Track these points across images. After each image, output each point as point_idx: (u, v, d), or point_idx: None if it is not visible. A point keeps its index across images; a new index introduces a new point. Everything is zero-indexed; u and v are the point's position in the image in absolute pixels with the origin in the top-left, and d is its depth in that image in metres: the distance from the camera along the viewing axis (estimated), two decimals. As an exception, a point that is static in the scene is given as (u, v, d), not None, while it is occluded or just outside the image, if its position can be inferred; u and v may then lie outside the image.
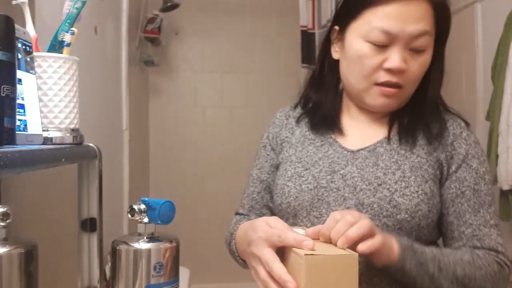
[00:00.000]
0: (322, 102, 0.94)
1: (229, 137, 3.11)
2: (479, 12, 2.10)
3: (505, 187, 1.68)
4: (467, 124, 0.90)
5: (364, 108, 0.91)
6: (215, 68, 3.13)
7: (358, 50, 0.84)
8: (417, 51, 0.83)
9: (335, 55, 0.92)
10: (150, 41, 2.80)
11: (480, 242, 0.81)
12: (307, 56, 2.27)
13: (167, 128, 3.09)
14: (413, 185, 0.81)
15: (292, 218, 0.88)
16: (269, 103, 3.06)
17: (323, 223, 0.74)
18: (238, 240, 0.87)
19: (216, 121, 3.13)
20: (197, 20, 3.09)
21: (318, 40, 2.28)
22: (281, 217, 0.83)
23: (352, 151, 0.89)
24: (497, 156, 1.72)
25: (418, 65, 0.83)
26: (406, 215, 0.80)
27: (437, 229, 0.87)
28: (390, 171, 0.83)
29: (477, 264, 0.78)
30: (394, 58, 0.81)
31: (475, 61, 2.12)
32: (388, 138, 0.88)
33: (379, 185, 0.82)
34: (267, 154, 0.99)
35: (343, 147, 0.90)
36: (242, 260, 0.86)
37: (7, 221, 0.71)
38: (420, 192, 0.81)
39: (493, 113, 1.79)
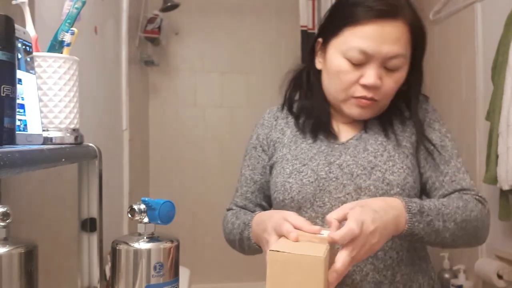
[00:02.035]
0: (314, 109, 0.99)
1: (229, 137, 3.11)
2: (479, 12, 2.10)
3: (505, 187, 1.68)
4: (425, 97, 1.00)
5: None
6: (215, 68, 3.13)
7: (337, 65, 0.90)
8: (391, 69, 0.89)
9: (318, 65, 0.98)
10: (150, 41, 2.80)
11: (459, 185, 0.92)
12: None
13: (167, 128, 3.09)
14: (398, 162, 0.91)
15: (296, 211, 0.91)
16: (269, 103, 3.06)
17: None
18: (254, 227, 0.90)
19: (216, 121, 3.13)
20: (197, 20, 3.09)
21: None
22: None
23: (343, 143, 0.96)
24: (497, 156, 1.72)
25: (392, 81, 0.90)
26: (398, 189, 0.89)
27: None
28: (378, 153, 0.92)
29: (468, 207, 0.86)
30: (370, 75, 0.87)
31: (475, 61, 2.12)
32: (369, 127, 0.97)
33: (372, 168, 0.90)
34: (259, 156, 1.04)
35: (333, 142, 0.97)
36: (257, 245, 0.91)
37: (7, 221, 0.71)
38: (404, 167, 0.91)
39: (493, 113, 1.79)
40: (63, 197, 1.13)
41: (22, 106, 0.65)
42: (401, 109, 0.98)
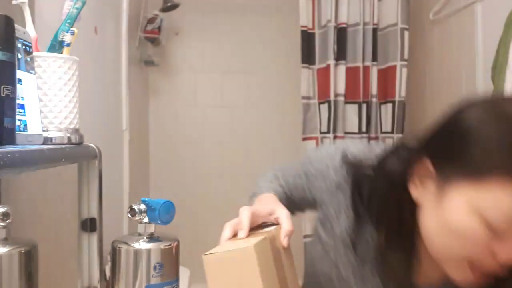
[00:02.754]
0: (389, 259, 0.73)
1: (229, 137, 3.11)
2: (479, 12, 2.10)
3: (505, 187, 1.67)
4: None
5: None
6: (215, 68, 3.13)
7: (464, 226, 0.61)
8: None
9: (415, 193, 0.69)
10: (150, 41, 2.80)
11: None
12: (307, 56, 2.27)
13: (167, 128, 3.09)
14: None
15: None
16: (269, 103, 3.07)
17: None
18: (256, 202, 0.86)
19: (216, 121, 3.13)
20: (197, 20, 3.08)
21: (318, 40, 2.28)
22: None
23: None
24: (497, 156, 1.72)
25: None
26: None
27: None
28: None
29: None
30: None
31: (475, 61, 2.12)
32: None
33: None
34: (303, 189, 0.89)
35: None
36: None
37: (7, 221, 0.71)
38: None
39: (493, 113, 1.79)
40: (63, 197, 1.13)
41: (22, 106, 0.65)
42: None
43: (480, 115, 0.63)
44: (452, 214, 0.62)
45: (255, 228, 0.73)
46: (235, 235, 0.71)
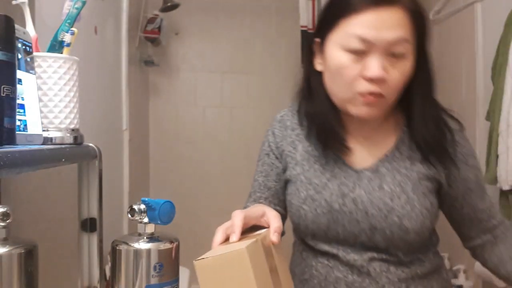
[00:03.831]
0: (317, 116, 0.93)
1: (229, 137, 3.11)
2: (479, 12, 2.10)
3: (505, 187, 1.67)
4: (459, 124, 0.93)
5: (355, 121, 0.92)
6: (215, 68, 3.13)
7: (337, 60, 0.84)
8: (396, 58, 0.82)
9: (319, 67, 0.91)
10: (150, 41, 2.80)
11: (495, 220, 0.94)
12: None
13: (167, 128, 3.09)
14: (417, 205, 0.87)
15: (311, 236, 0.93)
16: (269, 103, 3.07)
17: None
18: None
19: (216, 121, 3.13)
20: (197, 20, 3.09)
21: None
22: (300, 233, 0.96)
23: (356, 171, 0.91)
24: (497, 156, 1.72)
25: (398, 73, 0.82)
26: (414, 235, 0.87)
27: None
28: (395, 195, 0.87)
29: None
30: (373, 66, 0.80)
31: (475, 61, 2.12)
32: (387, 155, 0.91)
33: (388, 211, 0.87)
34: (272, 163, 1.00)
35: (346, 165, 0.92)
36: None
37: (7, 221, 0.71)
38: (424, 211, 0.87)
39: (493, 113, 1.79)
40: (63, 197, 1.13)
41: (22, 106, 0.65)
42: (443, 130, 0.90)
43: None
44: (331, 59, 0.85)
45: (246, 231, 0.73)
46: (227, 239, 0.71)
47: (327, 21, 0.87)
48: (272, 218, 0.75)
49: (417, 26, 0.85)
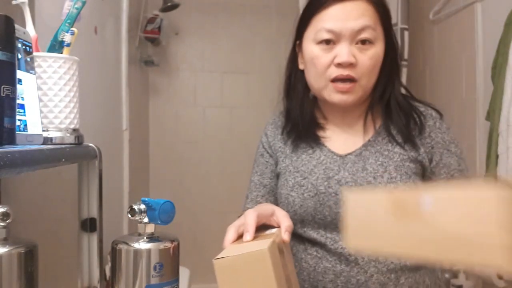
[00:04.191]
0: (295, 110, 1.01)
1: (229, 137, 3.11)
2: (479, 12, 2.10)
3: (505, 187, 1.67)
4: (439, 113, 0.97)
5: (337, 112, 0.98)
6: (215, 68, 3.13)
7: (311, 52, 0.92)
8: (364, 45, 0.89)
9: (301, 66, 0.99)
10: (150, 41, 2.80)
11: None
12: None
13: (167, 128, 3.09)
14: (400, 184, 0.90)
15: (299, 223, 0.95)
16: (269, 103, 3.06)
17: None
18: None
19: (216, 121, 3.13)
20: (197, 20, 3.09)
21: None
22: None
23: (341, 156, 0.96)
24: (497, 156, 1.72)
25: (367, 58, 0.89)
26: None
27: None
28: (378, 174, 0.91)
29: None
30: (342, 52, 0.88)
31: (475, 61, 2.12)
32: (370, 140, 0.96)
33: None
34: (266, 161, 1.05)
35: (332, 152, 0.97)
36: None
37: (7, 221, 0.71)
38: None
39: (493, 113, 1.79)
40: (63, 197, 1.13)
41: (22, 106, 0.65)
42: (405, 124, 0.95)
43: None
44: (306, 53, 0.94)
45: (256, 231, 0.73)
46: (238, 237, 0.71)
47: (303, 22, 0.96)
48: (282, 217, 0.77)
49: (381, 15, 0.92)
